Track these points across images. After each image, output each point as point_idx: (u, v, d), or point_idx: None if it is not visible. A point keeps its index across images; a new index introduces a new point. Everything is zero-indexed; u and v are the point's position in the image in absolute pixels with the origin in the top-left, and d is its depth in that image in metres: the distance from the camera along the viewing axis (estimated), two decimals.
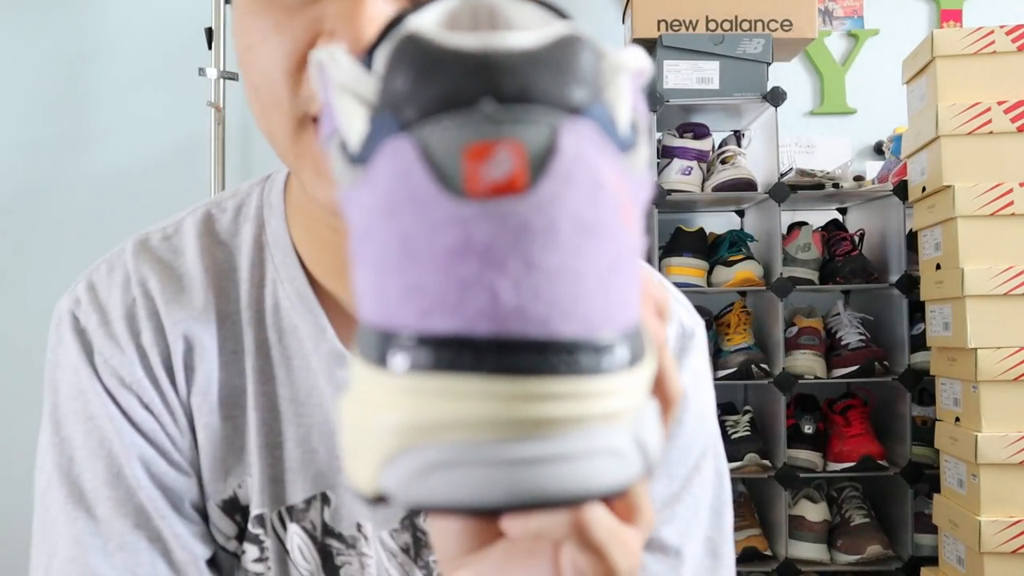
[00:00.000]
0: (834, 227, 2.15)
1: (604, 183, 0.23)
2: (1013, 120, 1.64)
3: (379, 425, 0.22)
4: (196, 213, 0.59)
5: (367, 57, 0.25)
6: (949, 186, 1.65)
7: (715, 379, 1.95)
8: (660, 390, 0.29)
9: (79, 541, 0.50)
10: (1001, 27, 1.67)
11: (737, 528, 1.94)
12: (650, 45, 2.04)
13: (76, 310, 0.55)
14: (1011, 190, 1.62)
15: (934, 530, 1.83)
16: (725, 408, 2.13)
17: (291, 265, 0.55)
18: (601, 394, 0.22)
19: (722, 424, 2.01)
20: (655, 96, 1.95)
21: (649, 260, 1.91)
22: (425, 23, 0.26)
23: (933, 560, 1.84)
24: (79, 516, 0.51)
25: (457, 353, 0.22)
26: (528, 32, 0.23)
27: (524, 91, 0.22)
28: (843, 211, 2.29)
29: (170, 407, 0.54)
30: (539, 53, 0.23)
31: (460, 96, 0.22)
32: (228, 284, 0.56)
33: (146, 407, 0.53)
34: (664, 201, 1.96)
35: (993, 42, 1.66)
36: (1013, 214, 1.62)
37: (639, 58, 0.26)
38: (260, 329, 0.55)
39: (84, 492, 0.51)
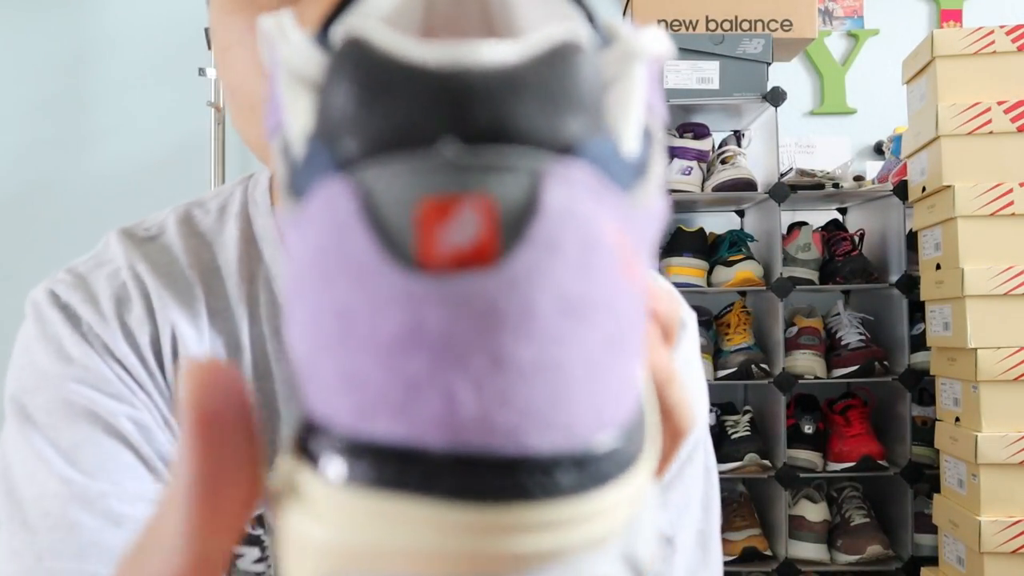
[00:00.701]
0: (834, 227, 2.15)
1: (600, 242, 0.18)
2: (1013, 120, 1.64)
3: (310, 535, 0.18)
4: (177, 213, 0.58)
5: (323, 33, 0.20)
6: (949, 186, 1.65)
7: (715, 379, 1.96)
8: (668, 424, 0.26)
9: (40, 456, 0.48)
10: (1001, 27, 1.67)
11: (737, 528, 1.94)
12: None
13: (55, 288, 0.53)
14: (1011, 190, 1.62)
15: (934, 530, 1.83)
16: (725, 408, 2.13)
17: (281, 260, 0.55)
18: (586, 517, 0.17)
19: (722, 424, 2.01)
20: None
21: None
22: (381, 10, 0.21)
23: (933, 560, 1.84)
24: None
25: (403, 468, 0.17)
26: (509, 44, 0.18)
27: (499, 126, 0.17)
28: (843, 211, 2.29)
29: (159, 392, 0.52)
30: (522, 73, 0.17)
31: (415, 131, 0.17)
32: (216, 281, 0.55)
33: (137, 382, 0.51)
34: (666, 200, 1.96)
35: (993, 42, 1.66)
36: (1013, 214, 1.62)
37: (658, 40, 0.21)
38: (255, 324, 0.54)
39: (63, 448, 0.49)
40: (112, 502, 0.47)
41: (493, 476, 0.17)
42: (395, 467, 0.17)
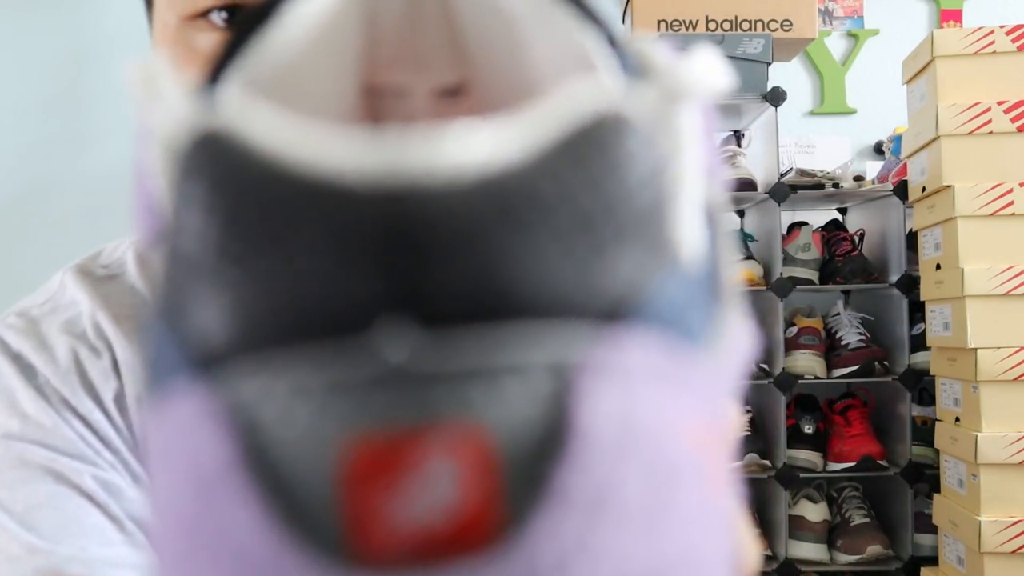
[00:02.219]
0: (834, 227, 2.15)
1: (674, 463, 0.11)
2: (1013, 120, 1.64)
3: None
4: (137, 247, 0.52)
5: (210, 85, 0.13)
6: (949, 186, 1.65)
7: None
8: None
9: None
10: (1001, 27, 1.67)
11: None
12: None
13: (3, 334, 0.48)
14: (1011, 190, 1.62)
15: (934, 530, 1.82)
16: None
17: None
18: None
19: None
20: None
21: None
22: (297, 39, 0.13)
23: (933, 560, 1.84)
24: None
25: None
26: (498, 126, 0.10)
27: (487, 288, 0.10)
28: (843, 211, 2.28)
29: (128, 447, 0.46)
30: (527, 185, 0.10)
31: (332, 305, 0.10)
32: None
33: (102, 440, 0.45)
34: None
35: (993, 42, 1.66)
36: (1013, 214, 1.62)
37: (713, 70, 0.13)
38: None
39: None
40: (76, 569, 0.41)
41: None
42: None
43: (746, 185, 1.96)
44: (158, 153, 0.12)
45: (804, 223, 2.07)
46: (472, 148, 0.10)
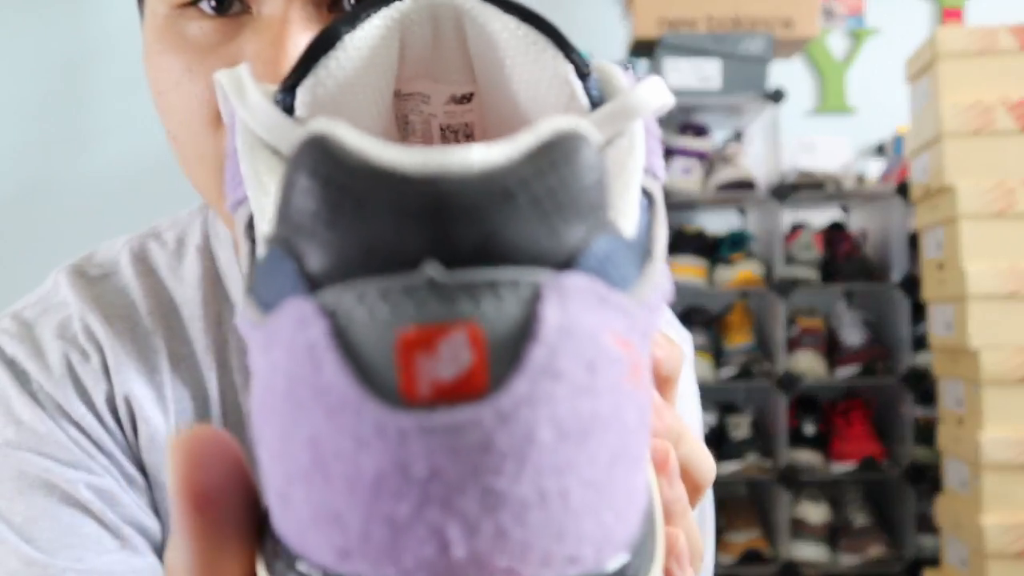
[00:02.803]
0: (836, 227, 2.15)
1: (604, 357, 0.16)
2: (1016, 119, 1.63)
3: None
4: (131, 246, 0.53)
5: (286, 94, 0.19)
6: (951, 185, 1.64)
7: (716, 379, 1.95)
8: (687, 480, 0.25)
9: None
10: (1004, 26, 1.66)
11: (738, 529, 1.94)
12: (651, 44, 2.04)
13: None
14: (1014, 189, 1.61)
15: (936, 531, 1.82)
16: (726, 409, 2.12)
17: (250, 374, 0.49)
18: None
19: (723, 425, 2.01)
20: None
21: None
22: (351, 63, 0.20)
23: (935, 561, 1.83)
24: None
25: None
26: (498, 145, 0.16)
27: (489, 241, 0.15)
28: (845, 210, 2.28)
29: (121, 449, 0.47)
30: (515, 177, 0.15)
31: (391, 248, 0.15)
32: (177, 324, 0.49)
33: (96, 443, 0.46)
34: (664, 201, 1.95)
35: (996, 41, 1.66)
36: (1016, 214, 1.61)
37: (659, 93, 0.20)
38: (225, 373, 0.49)
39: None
40: None
41: None
42: None
43: (747, 184, 1.96)
44: (243, 140, 0.18)
45: (805, 223, 2.07)
46: (480, 155, 0.15)
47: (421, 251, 0.15)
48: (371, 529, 0.16)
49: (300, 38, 0.39)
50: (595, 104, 0.21)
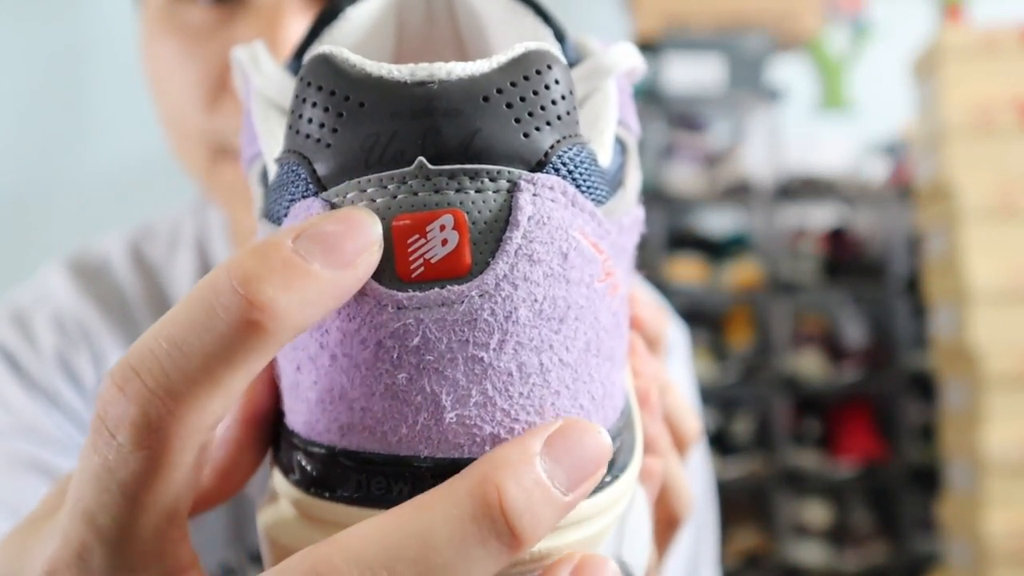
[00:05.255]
0: (838, 226, 2.14)
1: (576, 250, 0.18)
2: (1020, 118, 1.63)
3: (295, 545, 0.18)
4: (124, 241, 0.53)
5: (295, 61, 0.21)
6: (955, 185, 1.63)
7: (718, 381, 1.94)
8: (674, 433, 0.26)
9: None
10: (1008, 25, 1.66)
11: (739, 530, 1.93)
12: (653, 42, 2.03)
13: None
14: (1018, 189, 1.60)
15: (939, 533, 1.81)
16: (727, 409, 2.12)
17: None
18: (573, 520, 0.18)
19: (725, 426, 2.00)
20: (657, 94, 1.93)
21: (651, 261, 1.89)
22: (351, 36, 0.22)
23: (938, 563, 1.82)
24: None
25: (392, 482, 0.18)
26: (476, 62, 0.18)
27: (471, 141, 0.17)
28: (846, 210, 2.27)
29: None
30: (492, 84, 0.17)
31: (387, 147, 0.17)
32: None
33: (83, 431, 0.46)
34: (664, 200, 1.95)
35: (1000, 40, 1.65)
36: (1019, 213, 1.60)
37: (630, 55, 0.22)
38: None
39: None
40: None
41: None
42: (381, 482, 0.18)
43: (748, 184, 1.95)
44: (258, 104, 0.21)
45: (807, 222, 2.06)
46: (461, 66, 0.18)
47: (414, 147, 0.17)
48: (372, 401, 0.18)
49: (294, 24, 0.39)
50: (572, 65, 0.22)
